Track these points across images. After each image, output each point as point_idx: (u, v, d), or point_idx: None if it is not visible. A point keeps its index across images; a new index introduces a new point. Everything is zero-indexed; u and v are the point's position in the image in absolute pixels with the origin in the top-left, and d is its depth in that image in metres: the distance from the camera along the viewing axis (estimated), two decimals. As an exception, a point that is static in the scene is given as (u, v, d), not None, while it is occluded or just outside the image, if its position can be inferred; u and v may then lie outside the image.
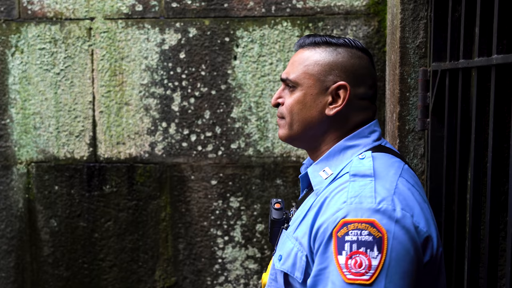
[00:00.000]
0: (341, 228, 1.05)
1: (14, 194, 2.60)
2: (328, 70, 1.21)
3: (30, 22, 2.52)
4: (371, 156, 1.16)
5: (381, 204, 1.06)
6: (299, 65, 1.24)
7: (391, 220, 1.05)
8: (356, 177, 1.12)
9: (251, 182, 2.49)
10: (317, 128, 1.23)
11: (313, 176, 1.22)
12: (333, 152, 1.21)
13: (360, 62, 1.23)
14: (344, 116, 1.22)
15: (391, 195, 1.08)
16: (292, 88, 1.24)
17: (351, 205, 1.07)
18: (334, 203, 1.10)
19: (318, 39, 1.24)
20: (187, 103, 2.48)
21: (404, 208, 1.07)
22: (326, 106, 1.21)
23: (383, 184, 1.10)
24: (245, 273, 2.53)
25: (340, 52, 1.22)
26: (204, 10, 2.44)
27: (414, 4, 1.63)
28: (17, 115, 2.57)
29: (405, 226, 1.05)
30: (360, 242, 1.03)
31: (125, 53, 2.49)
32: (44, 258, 2.60)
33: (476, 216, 1.27)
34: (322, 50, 1.23)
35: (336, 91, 1.20)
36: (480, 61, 1.20)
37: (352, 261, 1.03)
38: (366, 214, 1.05)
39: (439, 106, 1.53)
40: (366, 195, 1.07)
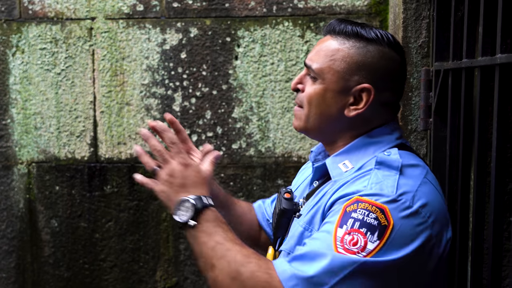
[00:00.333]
0: (352, 203, 1.04)
1: (15, 195, 2.59)
2: (354, 69, 1.16)
3: (31, 22, 2.52)
4: (398, 153, 1.13)
5: (400, 197, 1.04)
6: (325, 56, 1.18)
7: (403, 214, 1.03)
8: (382, 165, 1.10)
9: (252, 182, 2.48)
10: (333, 126, 1.20)
11: (333, 168, 1.19)
12: (355, 146, 1.18)
13: (391, 65, 1.18)
14: (364, 119, 1.19)
15: (413, 192, 1.06)
16: (314, 79, 1.19)
17: (371, 190, 1.05)
18: (356, 185, 1.09)
19: (349, 29, 1.18)
20: (188, 103, 2.48)
21: (423, 207, 1.05)
22: (346, 106, 1.17)
23: (407, 180, 1.08)
24: (246, 273, 2.52)
25: (371, 50, 1.16)
26: (205, 10, 2.44)
27: (417, 4, 1.63)
28: (18, 115, 2.56)
29: (415, 225, 1.04)
30: (364, 223, 1.02)
31: (126, 53, 2.49)
32: (45, 259, 2.60)
33: (479, 216, 1.26)
34: (352, 45, 1.17)
35: (360, 93, 1.16)
36: (484, 61, 1.19)
37: (349, 237, 1.01)
38: (381, 200, 1.03)
39: (441, 106, 1.52)
40: (388, 185, 1.06)
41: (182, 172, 1.18)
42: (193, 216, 1.13)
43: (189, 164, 1.20)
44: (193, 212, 1.13)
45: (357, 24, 1.19)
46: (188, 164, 1.19)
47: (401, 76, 1.22)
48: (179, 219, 1.14)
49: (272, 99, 2.45)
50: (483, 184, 1.26)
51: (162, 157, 1.19)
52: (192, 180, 1.18)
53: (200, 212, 1.13)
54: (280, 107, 2.44)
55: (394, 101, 1.21)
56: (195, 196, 1.15)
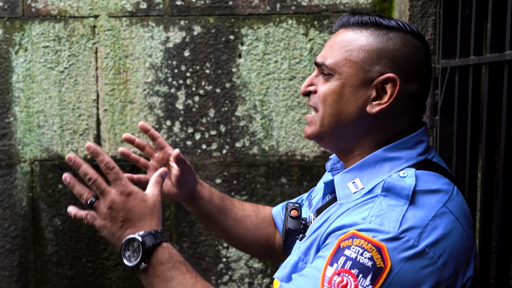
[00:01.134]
0: (347, 238, 0.90)
1: (18, 193, 2.59)
2: (375, 58, 1.00)
3: (34, 20, 2.51)
4: (415, 175, 0.95)
5: (404, 233, 0.88)
6: (340, 48, 1.03)
7: (404, 255, 0.88)
8: (388, 192, 0.93)
9: (256, 181, 2.47)
10: (353, 128, 1.03)
11: (341, 187, 1.03)
12: (368, 162, 1.01)
13: (416, 52, 1.02)
14: (389, 118, 1.01)
15: (421, 228, 0.89)
16: (328, 76, 1.04)
17: (370, 224, 0.90)
18: (355, 214, 0.94)
19: (366, 19, 1.03)
20: (191, 101, 2.47)
21: (431, 245, 0.89)
22: (368, 102, 1.01)
23: (417, 212, 0.91)
24: (250, 272, 2.51)
25: (392, 37, 1.01)
26: (208, 8, 2.43)
27: (423, 1, 1.62)
28: (21, 113, 2.56)
29: (420, 268, 0.88)
30: (357, 263, 0.87)
31: (129, 51, 2.48)
32: (48, 257, 2.59)
33: (486, 215, 1.25)
34: (370, 33, 1.02)
35: (383, 84, 1.00)
36: (493, 57, 1.18)
37: (338, 278, 0.87)
38: (379, 237, 0.88)
39: (448, 103, 1.51)
40: (391, 218, 0.90)
41: (124, 204, 1.01)
42: (143, 258, 0.98)
43: (131, 192, 1.02)
44: (143, 254, 0.98)
45: (375, 14, 1.05)
46: (130, 192, 1.02)
47: (427, 68, 1.05)
48: (127, 262, 1.00)
49: (276, 97, 2.44)
50: (490, 183, 1.25)
51: (98, 187, 1.03)
52: (138, 212, 1.02)
53: (151, 253, 0.99)
54: (283, 105, 2.44)
55: (421, 95, 1.04)
56: (143, 232, 1.00)
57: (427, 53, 1.06)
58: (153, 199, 1.05)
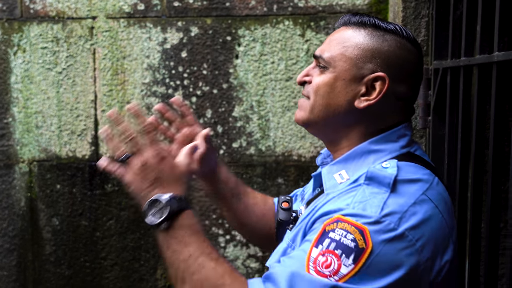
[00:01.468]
0: (332, 222, 0.96)
1: (16, 193, 2.60)
2: (369, 56, 1.06)
3: (32, 21, 2.53)
4: (397, 165, 1.01)
5: (384, 218, 0.94)
6: (338, 44, 1.09)
7: (385, 237, 0.93)
8: (371, 181, 0.99)
9: (253, 181, 2.49)
10: (341, 120, 1.09)
11: (327, 178, 1.09)
12: (354, 155, 1.08)
13: (409, 56, 1.08)
14: (375, 114, 1.07)
15: (401, 213, 0.95)
16: (324, 69, 1.10)
17: (353, 209, 0.96)
18: (340, 202, 1.00)
19: (366, 19, 1.09)
20: (188, 102, 2.48)
21: (410, 228, 0.95)
22: (357, 97, 1.07)
23: (398, 199, 0.97)
24: (247, 272, 2.53)
25: (388, 39, 1.07)
26: (206, 9, 2.45)
27: (416, 2, 1.64)
28: (19, 114, 2.57)
29: (399, 249, 0.93)
30: (340, 244, 0.93)
31: (127, 52, 2.49)
32: (46, 257, 2.61)
33: (476, 214, 1.27)
34: (368, 33, 1.08)
35: (373, 82, 1.06)
36: (482, 59, 1.20)
37: (322, 258, 0.93)
38: (361, 220, 0.94)
39: (440, 104, 1.53)
40: (373, 204, 0.96)
41: (157, 165, 1.07)
42: (167, 218, 1.03)
43: (165, 156, 1.08)
44: (167, 215, 1.03)
45: (375, 17, 1.11)
46: (164, 156, 1.08)
47: (418, 72, 1.11)
48: (150, 220, 1.04)
49: (273, 98, 2.45)
50: (480, 182, 1.26)
51: (136, 144, 1.09)
52: (168, 175, 1.07)
53: (174, 215, 1.04)
54: (280, 106, 2.45)
55: (409, 97, 1.10)
56: (169, 195, 1.04)
57: (420, 58, 1.11)
58: (183, 167, 1.11)
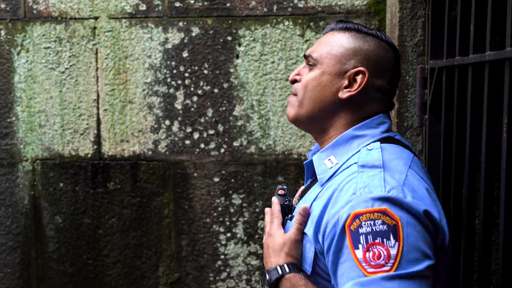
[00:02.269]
0: (353, 220, 1.03)
1: (20, 191, 2.63)
2: (351, 54, 1.20)
3: (35, 22, 2.56)
4: (380, 147, 1.14)
5: (391, 192, 1.04)
6: (325, 45, 1.24)
7: (402, 206, 1.03)
8: (364, 168, 1.10)
9: (253, 179, 2.51)
10: (327, 110, 1.21)
11: (318, 164, 1.21)
12: (340, 141, 1.20)
13: (386, 55, 1.22)
14: (357, 103, 1.20)
15: (401, 185, 1.06)
16: (312, 66, 1.23)
17: (361, 196, 1.05)
18: (343, 195, 1.08)
19: (350, 25, 1.24)
20: (190, 101, 2.51)
21: (415, 197, 1.05)
22: (341, 89, 1.20)
23: (392, 174, 1.08)
24: (247, 269, 2.55)
25: (368, 40, 1.22)
26: (206, 10, 2.47)
27: (412, 3, 1.66)
28: (22, 113, 2.60)
29: (418, 213, 1.03)
30: (375, 233, 1.01)
31: (129, 52, 2.52)
32: (49, 254, 2.64)
33: (470, 210, 1.29)
34: (351, 35, 1.23)
35: (354, 76, 1.19)
36: (475, 58, 1.22)
37: (370, 254, 1.00)
38: (377, 203, 1.03)
39: (436, 103, 1.55)
40: (375, 185, 1.05)
41: (266, 243, 1.22)
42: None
43: (272, 233, 1.21)
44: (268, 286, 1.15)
45: (359, 23, 1.26)
46: (272, 233, 1.22)
47: (396, 70, 1.24)
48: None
49: (273, 97, 2.48)
50: (474, 179, 1.29)
51: (265, 227, 1.27)
52: (271, 249, 1.19)
53: (276, 284, 1.14)
54: (280, 105, 2.48)
55: (388, 90, 1.23)
56: (270, 268, 1.17)
57: (396, 58, 1.25)
58: (284, 237, 1.19)
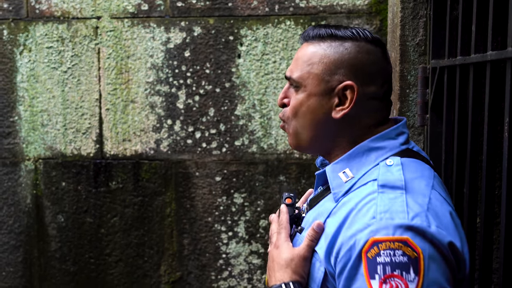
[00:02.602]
0: (371, 247, 0.95)
1: (22, 190, 2.64)
2: (333, 69, 1.10)
3: (38, 21, 2.57)
4: (400, 163, 1.05)
5: (415, 220, 0.95)
6: (303, 63, 1.13)
7: (426, 237, 0.95)
8: (385, 188, 1.01)
9: (255, 179, 2.52)
10: (325, 133, 1.13)
11: (332, 178, 1.11)
12: (356, 153, 1.10)
13: (370, 57, 1.11)
14: (354, 119, 1.11)
15: (425, 211, 0.97)
16: (296, 88, 1.14)
17: (381, 221, 0.96)
18: (361, 218, 0.99)
19: (323, 32, 1.13)
20: (191, 100, 2.52)
21: (439, 226, 0.97)
22: (333, 109, 1.11)
23: (415, 198, 0.99)
24: (249, 268, 2.56)
25: (347, 47, 1.11)
26: (208, 9, 2.48)
27: (414, 3, 1.67)
28: (25, 112, 2.61)
29: (442, 245, 0.95)
30: (395, 264, 0.93)
31: (131, 52, 2.53)
32: (51, 253, 2.65)
33: (472, 209, 1.30)
34: (327, 45, 1.12)
35: (343, 91, 1.10)
36: (476, 58, 1.23)
37: (387, 286, 0.93)
38: (398, 232, 0.94)
39: (438, 102, 1.56)
40: (398, 210, 0.97)
41: (272, 255, 1.15)
42: None
43: (279, 245, 1.14)
44: None
45: (332, 26, 1.15)
46: (279, 245, 1.14)
47: (384, 67, 1.14)
48: None
49: (274, 97, 2.49)
50: (476, 178, 1.30)
51: (270, 237, 1.21)
52: (276, 263, 1.13)
53: None
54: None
55: (382, 95, 1.13)
56: (275, 285, 1.10)
57: (383, 54, 1.14)
58: (292, 252, 1.11)
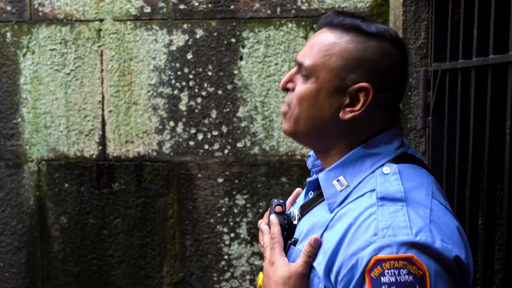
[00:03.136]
0: (374, 267, 0.91)
1: (25, 192, 2.66)
2: (352, 66, 1.01)
3: (41, 24, 2.58)
4: (397, 171, 1.00)
5: (419, 236, 0.91)
6: (319, 51, 1.03)
7: (431, 254, 0.91)
8: (384, 200, 0.96)
9: (257, 180, 2.53)
10: (327, 131, 1.06)
11: (326, 186, 1.05)
12: (350, 160, 1.04)
13: (392, 62, 1.03)
14: (361, 123, 1.04)
15: (428, 225, 0.93)
16: (306, 77, 1.05)
17: (384, 239, 0.91)
18: (362, 234, 0.94)
19: (348, 23, 1.03)
20: (194, 102, 2.53)
21: (444, 239, 0.93)
22: (341, 108, 1.03)
23: (417, 210, 0.95)
24: (251, 269, 2.57)
25: (371, 46, 1.02)
26: (211, 12, 2.50)
27: (416, 6, 1.68)
28: (28, 114, 2.63)
29: (447, 260, 0.92)
30: (400, 284, 0.89)
31: (133, 54, 2.55)
32: (54, 254, 2.66)
33: (473, 210, 1.31)
34: (350, 39, 1.02)
35: (356, 92, 1.01)
36: (478, 61, 1.24)
37: None
38: (402, 249, 0.90)
39: (439, 105, 1.57)
40: (400, 226, 0.92)
41: (267, 271, 1.09)
42: None
43: (274, 262, 1.08)
44: None
45: (357, 17, 1.04)
46: (274, 262, 1.08)
47: (403, 76, 1.07)
48: None
49: (276, 99, 2.50)
50: (478, 180, 1.31)
51: (264, 253, 1.14)
52: (274, 281, 1.07)
53: None
54: (284, 106, 2.50)
55: (394, 102, 1.07)
56: None
57: (404, 61, 1.07)
58: (289, 269, 1.06)
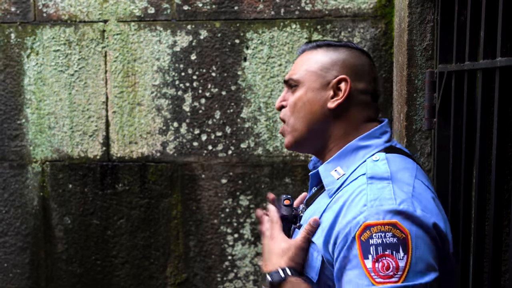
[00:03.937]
0: (364, 231, 1.07)
1: (29, 192, 2.66)
2: (329, 66, 1.25)
3: (45, 25, 2.59)
4: (385, 158, 1.17)
5: (402, 205, 1.07)
6: (301, 65, 1.28)
7: (412, 220, 1.06)
8: (373, 179, 1.13)
9: (260, 181, 2.54)
10: (321, 124, 1.25)
11: (325, 176, 1.23)
12: (345, 152, 1.22)
13: (360, 60, 1.27)
14: (346, 110, 1.24)
15: (410, 198, 1.09)
16: (295, 88, 1.27)
17: (372, 208, 1.08)
18: (354, 206, 1.11)
19: (320, 43, 1.30)
20: (198, 103, 2.54)
21: (424, 209, 1.08)
22: (328, 100, 1.24)
23: (401, 186, 1.11)
24: (255, 269, 2.58)
25: (341, 50, 1.27)
26: (214, 13, 2.50)
27: (421, 8, 1.68)
28: (32, 115, 2.63)
29: (426, 226, 1.07)
30: (385, 245, 1.05)
31: (137, 55, 2.55)
32: (58, 255, 2.66)
33: (480, 212, 1.31)
34: (323, 50, 1.28)
35: (337, 85, 1.23)
36: (485, 63, 1.24)
37: (379, 264, 1.04)
38: (388, 216, 1.06)
39: (445, 106, 1.57)
40: (386, 197, 1.09)
41: (268, 246, 1.25)
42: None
43: (275, 237, 1.25)
44: None
45: (326, 39, 1.33)
46: (274, 237, 1.25)
47: (372, 70, 1.29)
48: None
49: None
50: (484, 182, 1.31)
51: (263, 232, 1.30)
52: (273, 253, 1.23)
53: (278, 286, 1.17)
54: (287, 107, 2.50)
55: (370, 92, 1.27)
56: (273, 270, 1.20)
57: (370, 62, 1.30)
58: (288, 242, 1.23)
